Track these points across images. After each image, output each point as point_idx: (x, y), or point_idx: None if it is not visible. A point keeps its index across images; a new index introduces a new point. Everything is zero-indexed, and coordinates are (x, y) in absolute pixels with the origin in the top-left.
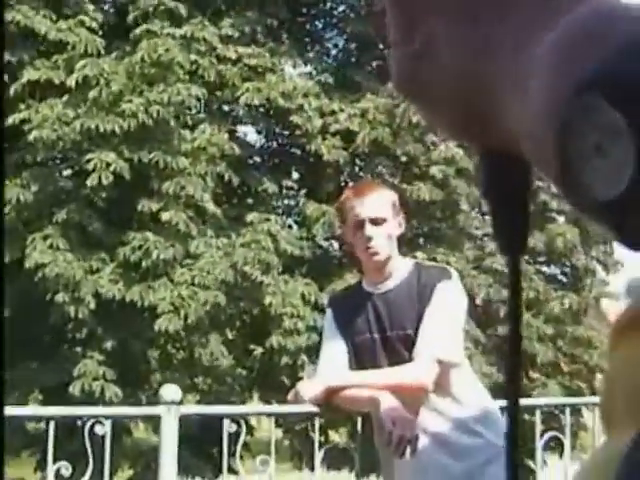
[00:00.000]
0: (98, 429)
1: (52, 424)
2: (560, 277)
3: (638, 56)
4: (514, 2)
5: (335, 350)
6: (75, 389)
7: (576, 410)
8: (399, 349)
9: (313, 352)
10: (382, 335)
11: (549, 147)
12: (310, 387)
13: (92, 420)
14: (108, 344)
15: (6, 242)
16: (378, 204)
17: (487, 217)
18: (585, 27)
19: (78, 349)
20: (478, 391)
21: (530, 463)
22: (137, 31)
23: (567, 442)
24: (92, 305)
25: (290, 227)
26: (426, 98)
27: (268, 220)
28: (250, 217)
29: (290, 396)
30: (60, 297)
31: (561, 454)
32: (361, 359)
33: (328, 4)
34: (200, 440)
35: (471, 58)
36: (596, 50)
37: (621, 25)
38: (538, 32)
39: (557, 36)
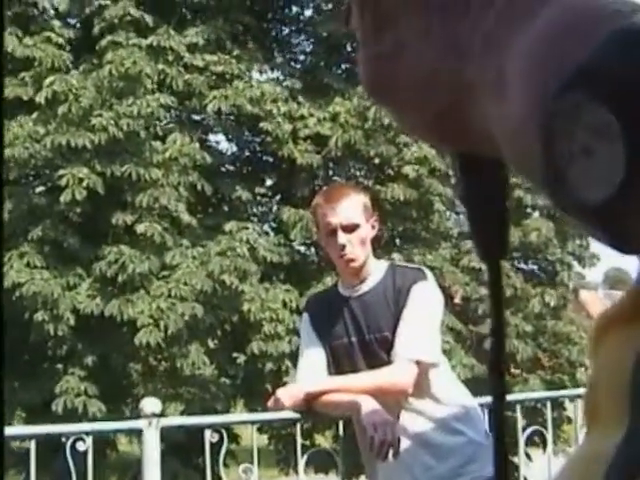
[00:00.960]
0: (80, 446)
1: (33, 443)
2: (538, 272)
3: (623, 50)
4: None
5: (313, 355)
6: (58, 406)
7: (558, 403)
8: (377, 352)
9: (296, 357)
10: (360, 338)
11: (533, 149)
12: (290, 393)
13: (73, 437)
14: (89, 360)
15: None
16: (350, 210)
17: (462, 216)
18: (566, 23)
19: (59, 366)
20: (457, 389)
21: (514, 459)
22: (103, 43)
23: (549, 436)
24: (71, 321)
25: (267, 234)
26: (396, 100)
27: (245, 228)
28: (226, 226)
29: (270, 403)
30: (39, 315)
31: (545, 448)
32: (340, 363)
33: (294, 9)
34: (186, 450)
35: (442, 57)
36: (580, 46)
37: (603, 20)
38: (512, 30)
39: (537, 33)
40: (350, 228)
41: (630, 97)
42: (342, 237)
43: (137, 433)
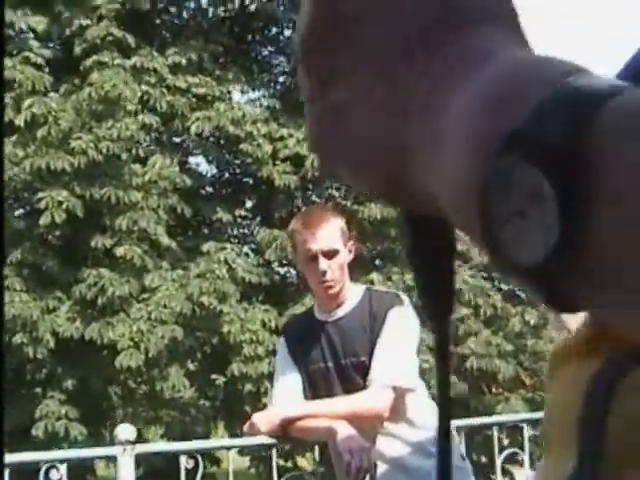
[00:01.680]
0: (53, 474)
1: (7, 471)
2: (518, 292)
3: (556, 115)
4: (425, 62)
5: (289, 381)
6: (39, 430)
7: (540, 422)
8: (354, 377)
9: None
10: (336, 363)
11: (470, 211)
12: (266, 419)
13: (47, 465)
14: (69, 383)
15: None
16: (329, 236)
17: None
18: (503, 85)
19: (38, 390)
20: (433, 413)
21: (493, 477)
22: (86, 63)
23: (526, 457)
24: (51, 344)
25: (247, 255)
26: (340, 162)
27: (224, 249)
28: (205, 247)
29: (246, 428)
30: (18, 338)
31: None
32: (316, 388)
33: (273, 29)
34: (162, 475)
35: (384, 118)
36: (515, 109)
37: (536, 85)
38: (452, 92)
39: (472, 96)
40: (331, 254)
41: (561, 160)
42: (323, 263)
43: (113, 460)
